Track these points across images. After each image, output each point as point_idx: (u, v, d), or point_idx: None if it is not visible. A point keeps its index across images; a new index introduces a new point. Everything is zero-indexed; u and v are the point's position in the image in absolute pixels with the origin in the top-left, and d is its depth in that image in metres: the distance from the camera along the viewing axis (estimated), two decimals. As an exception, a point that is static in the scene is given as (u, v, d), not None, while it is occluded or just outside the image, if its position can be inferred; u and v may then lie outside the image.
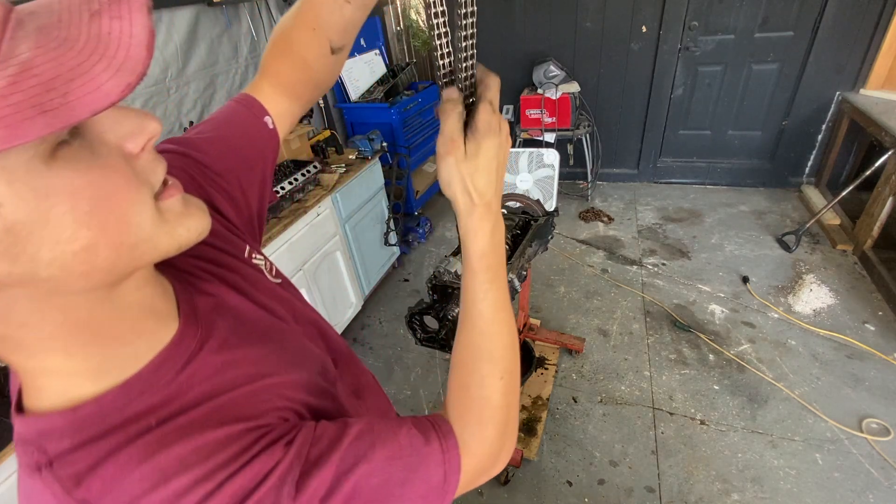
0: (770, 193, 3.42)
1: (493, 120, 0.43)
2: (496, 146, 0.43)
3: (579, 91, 3.34)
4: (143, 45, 0.27)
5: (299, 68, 0.57)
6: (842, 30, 2.83)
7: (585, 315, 2.49)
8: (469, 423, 0.45)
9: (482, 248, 0.45)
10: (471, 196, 0.43)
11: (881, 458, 1.67)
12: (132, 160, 0.33)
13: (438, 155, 0.43)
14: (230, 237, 0.53)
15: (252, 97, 0.59)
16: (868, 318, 2.24)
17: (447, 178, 0.43)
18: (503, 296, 0.48)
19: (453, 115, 0.42)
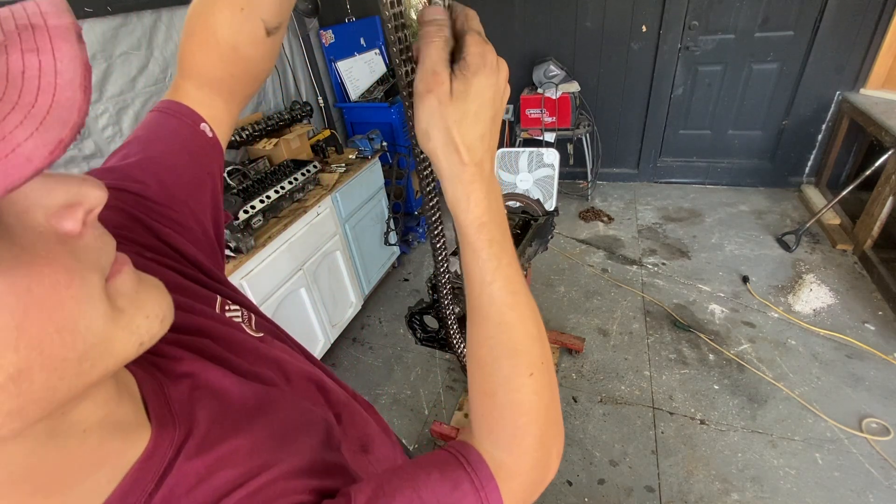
0: (770, 193, 3.42)
1: (488, 52, 0.34)
2: (492, 87, 0.34)
3: (579, 91, 3.34)
4: (75, 86, 0.20)
5: (228, 59, 0.47)
6: (842, 29, 2.82)
7: (585, 315, 2.49)
8: (501, 439, 0.38)
9: (479, 218, 0.35)
10: (458, 150, 0.34)
11: (881, 458, 1.67)
12: (72, 242, 0.25)
13: (416, 93, 0.33)
14: (196, 290, 0.44)
15: (179, 103, 0.49)
16: (868, 318, 2.24)
17: (425, 126, 0.34)
18: (515, 273, 0.38)
19: (437, 41, 0.33)
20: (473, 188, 0.35)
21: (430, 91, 0.33)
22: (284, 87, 2.63)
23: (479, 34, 0.34)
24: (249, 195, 1.86)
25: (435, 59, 0.33)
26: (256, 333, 0.47)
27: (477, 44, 0.33)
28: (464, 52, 0.33)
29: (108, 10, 1.68)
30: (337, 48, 2.94)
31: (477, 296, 0.38)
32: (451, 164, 0.34)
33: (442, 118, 0.33)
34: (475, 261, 0.37)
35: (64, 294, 0.23)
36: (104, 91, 1.73)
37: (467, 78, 0.33)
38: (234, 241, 1.69)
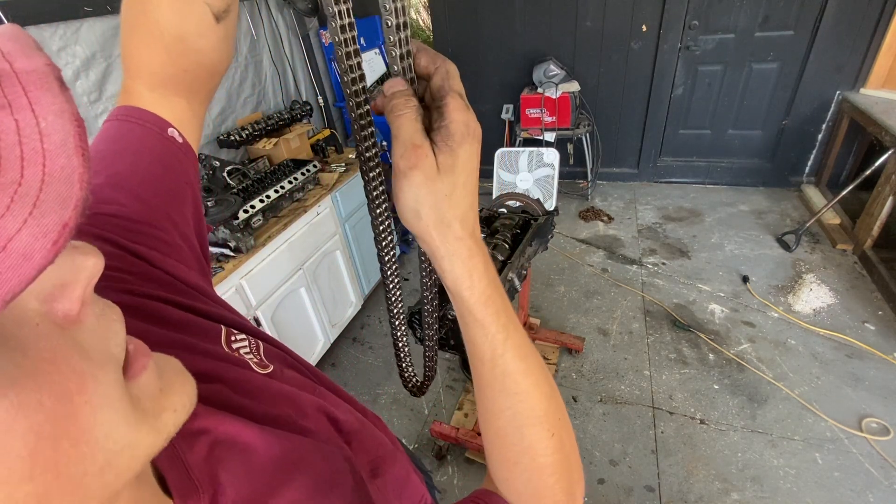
0: (770, 193, 3.42)
1: (470, 119, 0.32)
2: (476, 154, 0.32)
3: (579, 90, 3.34)
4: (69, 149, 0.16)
5: (177, 53, 0.42)
6: (842, 29, 2.82)
7: (585, 314, 2.49)
8: (531, 502, 0.38)
9: (483, 292, 0.34)
10: (453, 228, 0.32)
11: (881, 458, 1.67)
12: (73, 329, 0.20)
13: (397, 171, 0.31)
14: (198, 323, 0.40)
15: (138, 109, 0.44)
16: (868, 318, 2.24)
17: (413, 204, 0.31)
18: (522, 337, 0.37)
19: (408, 113, 0.31)
20: (475, 262, 0.33)
21: (415, 167, 0.30)
22: (284, 86, 2.63)
23: (461, 96, 0.32)
24: (249, 195, 1.86)
25: (411, 132, 0.31)
26: (266, 368, 0.42)
27: (460, 110, 0.31)
28: (445, 119, 0.31)
29: (108, 9, 1.68)
30: (337, 48, 2.94)
31: (489, 370, 0.36)
32: (447, 241, 0.32)
33: (431, 194, 0.31)
34: (484, 336, 0.35)
35: (77, 401, 0.19)
36: (104, 90, 1.73)
37: (453, 149, 0.31)
38: (233, 241, 1.69)
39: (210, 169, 2.03)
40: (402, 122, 0.31)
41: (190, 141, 0.48)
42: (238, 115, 2.34)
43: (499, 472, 0.40)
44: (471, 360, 0.37)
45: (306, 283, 2.09)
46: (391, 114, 0.31)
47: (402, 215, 0.32)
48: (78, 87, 1.65)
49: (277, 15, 2.51)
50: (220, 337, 0.40)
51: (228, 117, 2.29)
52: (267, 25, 2.45)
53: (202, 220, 0.50)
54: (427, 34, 4.18)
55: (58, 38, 1.57)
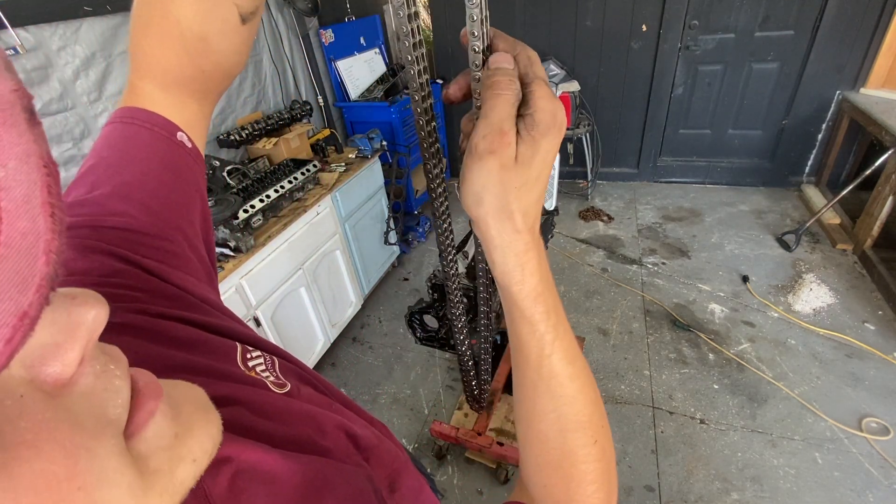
0: (770, 193, 3.42)
1: (558, 109, 0.30)
2: (556, 147, 0.31)
3: (579, 90, 3.33)
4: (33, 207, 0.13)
5: (197, 53, 0.40)
6: (842, 29, 2.82)
7: (585, 314, 2.49)
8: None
9: (535, 289, 0.32)
10: (512, 218, 0.30)
11: (881, 458, 1.67)
12: (67, 393, 0.17)
13: (472, 151, 0.29)
14: (214, 342, 0.37)
15: (145, 111, 0.42)
16: (868, 318, 2.24)
17: (479, 189, 0.29)
18: (571, 340, 0.35)
19: (508, 95, 0.29)
20: (528, 257, 0.31)
21: (493, 153, 0.28)
22: (284, 86, 2.63)
23: (546, 82, 0.30)
24: (249, 194, 1.86)
25: (503, 116, 0.29)
26: (283, 387, 0.40)
27: (547, 98, 0.29)
28: (531, 107, 0.29)
29: (108, 8, 1.68)
30: (337, 47, 2.94)
31: (535, 369, 0.35)
32: (503, 232, 0.30)
33: (501, 184, 0.29)
34: (531, 334, 0.34)
35: (66, 489, 0.15)
36: (104, 90, 1.73)
37: (536, 140, 0.29)
38: (233, 241, 1.69)
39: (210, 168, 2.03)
40: (498, 103, 0.29)
41: (198, 145, 0.47)
42: (238, 115, 2.33)
43: (535, 476, 0.38)
44: (514, 359, 0.36)
45: (306, 282, 2.09)
46: (490, 90, 0.29)
47: (462, 197, 0.31)
48: (78, 86, 1.65)
49: (277, 14, 2.51)
50: (235, 355, 0.38)
51: (228, 117, 2.29)
52: (267, 25, 2.45)
53: (210, 226, 0.48)
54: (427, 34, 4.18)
55: (58, 38, 1.57)
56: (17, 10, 1.43)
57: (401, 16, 0.29)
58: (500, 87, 0.29)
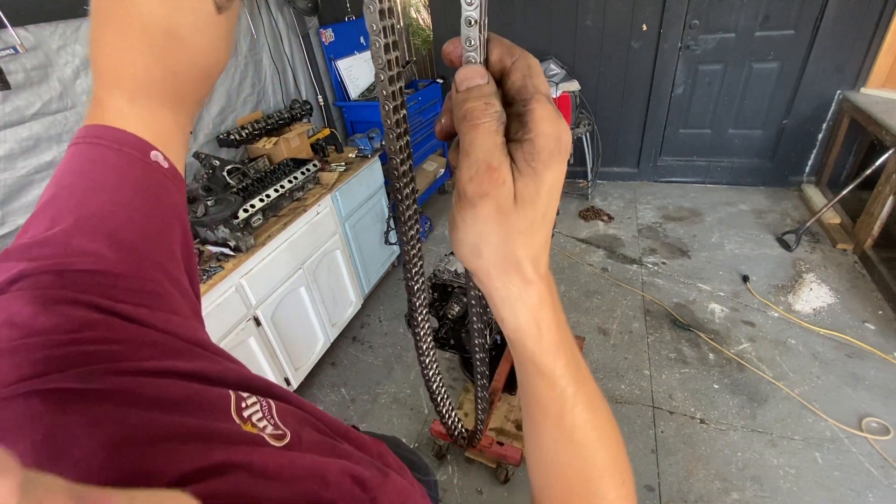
0: (770, 192, 3.41)
1: (563, 130, 0.24)
2: (563, 175, 0.25)
3: (579, 90, 3.33)
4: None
5: (165, 51, 0.34)
6: (842, 28, 2.82)
7: (585, 314, 2.49)
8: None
9: (552, 342, 0.28)
10: (522, 270, 0.25)
11: (881, 457, 1.67)
12: None
13: (461, 196, 0.24)
14: (204, 394, 0.33)
15: (114, 129, 0.36)
16: (868, 318, 2.24)
17: (474, 239, 0.25)
18: (591, 383, 0.32)
19: (488, 122, 0.23)
20: (543, 309, 0.27)
21: (486, 196, 0.23)
22: (284, 85, 2.63)
23: (549, 100, 0.24)
24: (249, 194, 1.86)
25: (488, 149, 0.23)
26: (282, 438, 0.36)
27: (549, 119, 0.23)
28: (531, 131, 0.23)
29: (108, 8, 1.68)
30: (337, 47, 2.94)
31: (555, 423, 0.32)
32: (511, 284, 0.26)
33: (501, 230, 0.24)
34: (551, 389, 0.30)
35: None
36: (103, 89, 1.72)
37: (538, 173, 0.23)
38: (233, 240, 1.69)
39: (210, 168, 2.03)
40: (478, 135, 0.23)
41: (175, 162, 0.40)
42: (238, 114, 2.33)
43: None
44: (529, 410, 0.33)
45: (306, 282, 2.09)
46: (465, 122, 0.24)
47: (456, 248, 0.26)
48: (78, 86, 1.64)
49: (277, 14, 2.51)
50: (229, 406, 0.34)
51: (228, 116, 2.29)
52: (267, 24, 2.45)
53: (192, 255, 0.43)
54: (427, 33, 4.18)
55: (58, 38, 1.57)
56: (17, 10, 1.43)
57: (371, 11, 0.23)
58: (474, 115, 0.23)
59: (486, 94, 0.24)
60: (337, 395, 2.21)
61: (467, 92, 0.24)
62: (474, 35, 0.24)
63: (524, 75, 0.25)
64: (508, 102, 0.25)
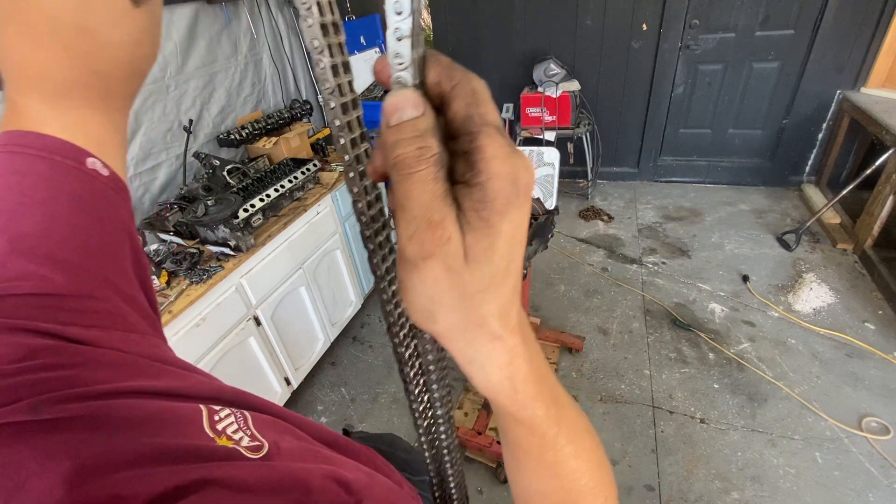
0: (770, 192, 3.41)
1: (520, 167, 0.19)
2: (526, 218, 0.21)
3: (579, 89, 3.33)
4: None
5: (83, 50, 0.31)
6: (843, 28, 2.82)
7: (585, 314, 2.49)
8: None
9: (528, 394, 0.26)
10: (487, 327, 0.22)
11: (881, 457, 1.67)
12: None
13: (402, 258, 0.21)
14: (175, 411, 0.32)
15: (40, 135, 0.33)
16: (868, 317, 2.24)
17: (426, 304, 0.21)
18: (571, 415, 0.31)
19: (423, 171, 0.19)
20: (517, 365, 0.24)
21: (429, 257, 0.20)
22: (284, 85, 2.63)
23: (500, 132, 0.20)
24: (249, 193, 1.86)
25: (426, 202, 0.19)
26: (259, 449, 0.35)
27: (502, 157, 0.19)
28: (480, 173, 0.19)
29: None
30: (337, 46, 2.94)
31: (536, 460, 0.31)
32: (477, 345, 0.23)
33: (454, 291, 0.20)
34: (530, 435, 0.29)
35: None
36: (103, 89, 1.73)
37: (491, 224, 0.19)
38: (233, 240, 1.69)
39: (210, 168, 2.03)
40: (413, 187, 0.19)
41: (116, 168, 0.36)
42: (238, 114, 2.33)
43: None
44: (508, 447, 0.32)
45: (306, 282, 2.09)
46: (395, 171, 0.19)
47: (409, 313, 0.23)
48: (77, 85, 1.64)
49: (277, 13, 2.51)
50: (201, 421, 0.32)
51: (228, 116, 2.29)
52: (267, 24, 2.45)
53: (145, 268, 0.40)
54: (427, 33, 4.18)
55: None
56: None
57: (309, 25, 0.18)
58: (406, 164, 0.19)
59: (420, 130, 0.19)
60: (337, 394, 2.21)
61: (398, 129, 0.19)
62: (405, 51, 0.20)
63: (468, 103, 0.20)
64: (452, 135, 0.20)
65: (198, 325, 1.54)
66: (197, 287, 1.54)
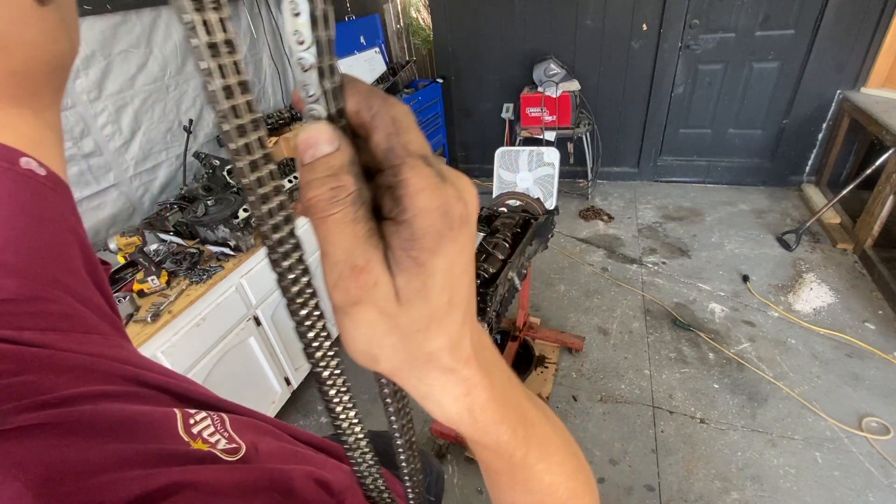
0: (770, 192, 3.41)
1: (450, 197, 0.18)
2: (466, 249, 0.19)
3: (579, 89, 3.33)
4: None
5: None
6: (843, 28, 2.82)
7: (585, 313, 2.49)
8: None
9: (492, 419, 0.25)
10: (436, 361, 0.21)
11: (881, 457, 1.67)
12: None
13: (333, 305, 0.20)
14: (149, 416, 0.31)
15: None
16: (868, 317, 2.24)
17: (365, 348, 0.20)
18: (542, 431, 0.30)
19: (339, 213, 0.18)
20: (474, 396, 0.23)
21: (358, 303, 0.19)
22: (284, 85, 2.63)
23: (426, 161, 0.18)
24: (249, 194, 1.85)
25: (346, 247, 0.18)
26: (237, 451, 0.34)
27: (428, 189, 0.17)
28: (405, 209, 0.17)
29: (108, 7, 1.68)
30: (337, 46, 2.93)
31: (507, 479, 0.30)
32: (428, 380, 0.22)
33: (393, 334, 0.19)
34: (498, 459, 0.28)
35: None
36: (103, 89, 1.73)
37: (422, 263, 0.18)
38: (233, 240, 1.69)
39: (210, 168, 2.03)
40: (331, 231, 0.18)
41: (53, 166, 0.35)
42: (238, 114, 2.33)
43: None
44: (481, 465, 0.31)
45: (306, 282, 2.09)
46: (309, 214, 0.18)
47: (352, 357, 0.22)
48: (77, 85, 1.64)
49: (277, 13, 2.51)
50: (175, 424, 0.32)
51: (228, 116, 2.29)
52: (266, 24, 2.45)
53: (98, 268, 0.38)
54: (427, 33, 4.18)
55: (57, 37, 1.57)
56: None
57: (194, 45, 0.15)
58: (319, 206, 0.17)
59: (334, 168, 0.17)
60: (337, 394, 2.21)
61: (311, 168, 0.18)
62: (312, 82, 0.18)
63: (388, 134, 0.18)
64: (377, 168, 0.19)
65: (198, 325, 1.54)
66: (197, 287, 1.54)
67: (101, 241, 1.76)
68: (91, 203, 1.75)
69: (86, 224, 1.76)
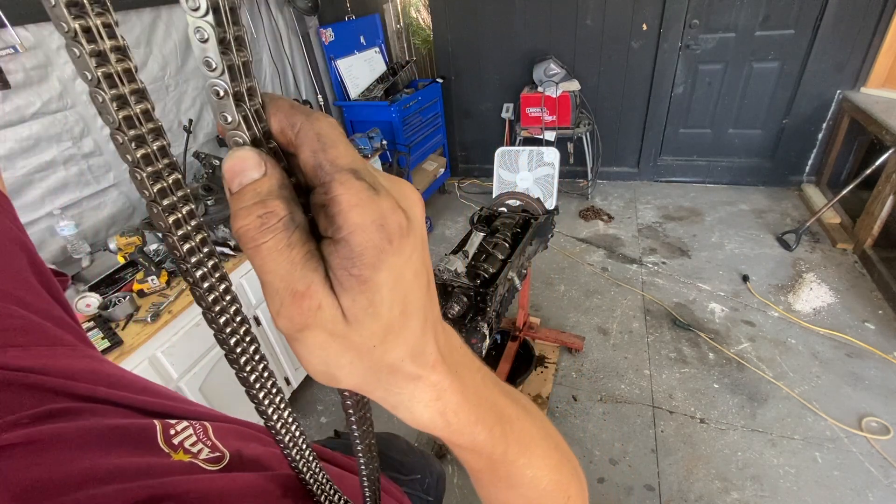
0: (770, 192, 3.41)
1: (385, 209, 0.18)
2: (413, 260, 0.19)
3: (579, 89, 3.33)
4: None
5: None
6: (843, 28, 2.82)
7: (585, 313, 2.49)
8: None
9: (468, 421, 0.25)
10: (400, 371, 0.21)
11: (881, 457, 1.67)
12: None
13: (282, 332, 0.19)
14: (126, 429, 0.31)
15: None
16: (868, 317, 2.24)
17: (323, 369, 0.20)
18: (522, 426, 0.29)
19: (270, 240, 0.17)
20: (446, 399, 0.23)
21: (304, 328, 0.18)
22: (284, 85, 2.63)
23: (356, 174, 0.18)
24: (249, 194, 1.86)
25: (284, 273, 0.17)
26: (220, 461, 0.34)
27: (363, 204, 0.17)
28: (339, 228, 0.17)
29: (108, 7, 1.68)
30: (337, 46, 2.94)
31: (488, 476, 0.30)
32: (395, 390, 0.21)
33: (347, 353, 0.19)
34: (478, 459, 0.28)
35: None
36: (103, 89, 1.73)
37: (365, 279, 0.17)
38: (233, 240, 1.69)
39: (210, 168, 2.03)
40: (265, 260, 0.17)
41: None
42: (238, 114, 2.33)
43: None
44: (463, 463, 0.31)
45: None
46: (241, 244, 0.18)
47: (314, 378, 0.21)
48: (77, 85, 1.64)
49: (277, 13, 2.51)
50: (155, 437, 0.31)
51: (228, 116, 2.29)
52: (267, 24, 2.45)
53: (51, 278, 0.37)
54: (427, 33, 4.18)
55: (57, 37, 1.57)
56: (16, 9, 1.43)
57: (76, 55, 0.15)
58: (249, 236, 0.17)
59: (261, 195, 0.17)
60: (337, 394, 2.21)
61: (238, 197, 0.17)
62: (229, 110, 0.17)
63: (314, 150, 0.18)
64: (309, 186, 0.19)
65: (198, 324, 1.54)
66: (197, 287, 1.54)
67: (101, 241, 1.76)
68: (91, 203, 1.75)
69: (86, 224, 1.76)
